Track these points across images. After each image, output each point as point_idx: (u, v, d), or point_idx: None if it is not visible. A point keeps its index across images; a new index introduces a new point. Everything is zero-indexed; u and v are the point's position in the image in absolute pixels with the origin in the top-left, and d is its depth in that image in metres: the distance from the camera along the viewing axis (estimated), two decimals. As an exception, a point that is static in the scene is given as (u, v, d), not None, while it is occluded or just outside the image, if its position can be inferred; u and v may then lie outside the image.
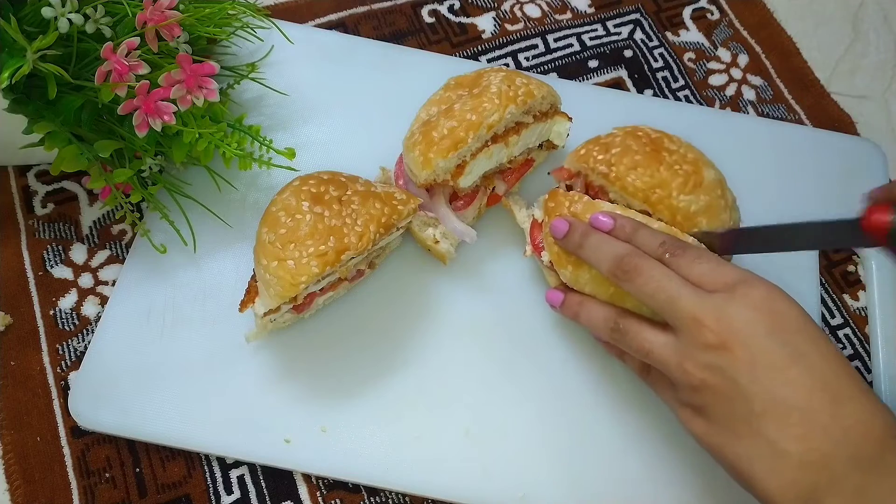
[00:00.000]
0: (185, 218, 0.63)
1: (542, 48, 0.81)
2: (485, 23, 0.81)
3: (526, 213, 0.64)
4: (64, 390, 0.60)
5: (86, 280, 0.64)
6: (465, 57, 0.79)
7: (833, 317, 0.68)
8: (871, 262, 0.68)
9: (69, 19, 0.50)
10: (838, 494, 0.41)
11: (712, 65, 0.81)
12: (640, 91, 0.79)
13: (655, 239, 0.51)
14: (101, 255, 0.66)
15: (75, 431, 0.58)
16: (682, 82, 0.80)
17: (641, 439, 0.59)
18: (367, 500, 0.58)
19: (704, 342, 0.46)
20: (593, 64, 0.80)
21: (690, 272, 0.49)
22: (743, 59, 0.82)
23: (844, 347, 0.67)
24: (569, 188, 0.60)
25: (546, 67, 0.79)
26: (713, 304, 0.46)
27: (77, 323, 0.63)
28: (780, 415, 0.43)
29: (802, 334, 0.45)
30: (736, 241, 0.54)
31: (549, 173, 0.62)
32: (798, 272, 0.67)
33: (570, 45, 0.81)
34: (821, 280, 0.68)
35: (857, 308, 0.69)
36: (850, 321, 0.68)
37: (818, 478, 0.42)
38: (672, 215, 0.55)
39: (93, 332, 0.61)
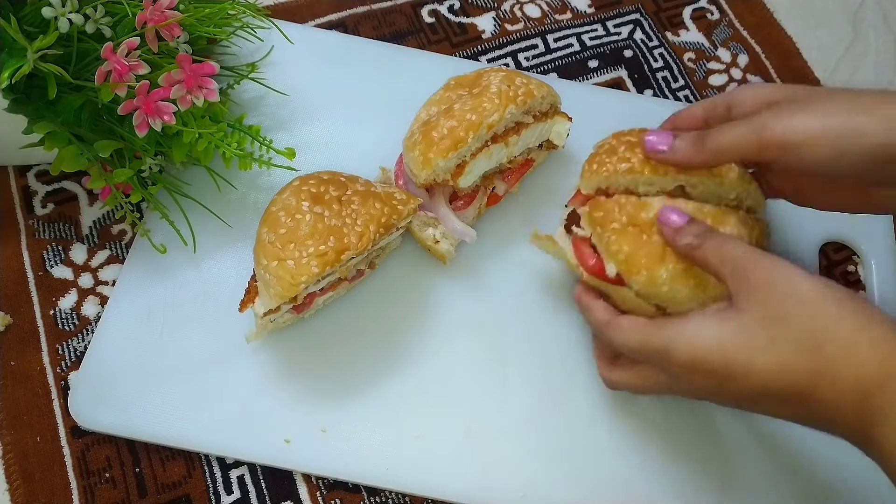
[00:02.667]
0: (185, 218, 0.62)
1: (542, 48, 0.81)
2: (485, 23, 0.81)
3: (566, 239, 0.58)
4: (64, 390, 0.60)
5: (86, 280, 0.64)
6: (465, 57, 0.79)
7: (833, 317, 0.68)
8: (871, 262, 0.68)
9: (69, 19, 0.50)
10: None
11: (712, 65, 0.81)
12: (640, 91, 0.78)
13: None
14: (101, 255, 0.66)
15: (75, 431, 0.58)
16: (682, 82, 0.80)
17: (641, 439, 0.59)
18: (367, 500, 0.58)
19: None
20: (593, 64, 0.80)
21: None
22: (743, 59, 0.82)
23: (844, 347, 0.67)
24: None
25: (546, 67, 0.79)
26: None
27: (77, 323, 0.63)
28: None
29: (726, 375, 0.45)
30: None
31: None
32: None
33: (570, 45, 0.81)
34: (821, 280, 0.68)
35: (857, 308, 0.69)
36: (850, 321, 0.68)
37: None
38: (715, 176, 0.53)
39: (93, 332, 0.61)
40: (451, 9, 0.82)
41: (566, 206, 0.59)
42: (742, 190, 0.54)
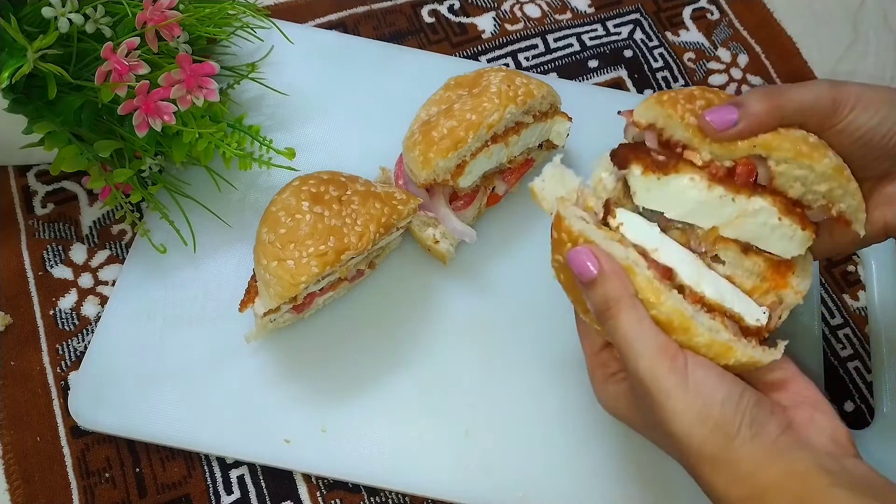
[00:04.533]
0: (184, 218, 0.62)
1: (542, 48, 0.81)
2: (485, 23, 0.81)
3: (566, 186, 0.49)
4: (64, 390, 0.60)
5: (86, 280, 0.64)
6: (465, 57, 0.79)
7: (833, 317, 0.68)
8: (871, 262, 0.68)
9: (69, 19, 0.50)
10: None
11: (712, 65, 0.81)
12: (640, 91, 0.78)
13: None
14: (101, 255, 0.66)
15: (75, 431, 0.58)
16: (682, 82, 0.80)
17: (640, 439, 0.59)
18: (367, 500, 0.58)
19: None
20: (593, 64, 0.80)
21: None
22: (743, 59, 0.82)
23: (844, 347, 0.67)
24: (635, 147, 0.47)
25: (546, 67, 0.79)
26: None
27: (77, 323, 0.63)
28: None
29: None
30: None
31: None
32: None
33: (570, 45, 0.81)
34: (821, 280, 0.68)
35: (857, 308, 0.69)
36: (850, 321, 0.68)
37: None
38: (795, 147, 0.44)
39: (93, 332, 0.61)
40: (451, 9, 0.82)
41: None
42: (837, 185, 0.45)
